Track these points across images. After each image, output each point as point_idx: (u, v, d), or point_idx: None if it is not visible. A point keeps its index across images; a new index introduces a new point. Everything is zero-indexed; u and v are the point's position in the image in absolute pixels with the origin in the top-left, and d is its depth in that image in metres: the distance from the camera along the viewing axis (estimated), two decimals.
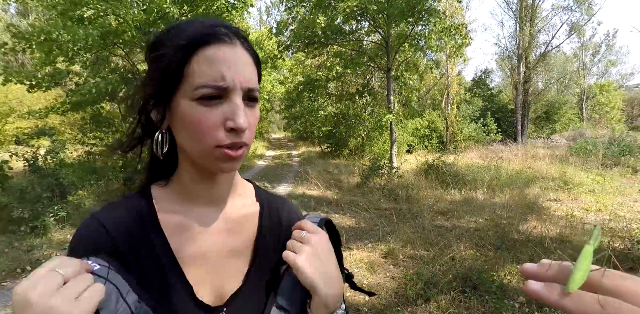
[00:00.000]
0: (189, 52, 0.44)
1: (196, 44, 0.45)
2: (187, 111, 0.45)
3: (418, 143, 16.29)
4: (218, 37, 0.46)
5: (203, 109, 0.45)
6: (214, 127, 0.45)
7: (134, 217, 0.50)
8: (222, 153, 0.46)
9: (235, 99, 0.46)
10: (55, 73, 7.06)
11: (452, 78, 18.34)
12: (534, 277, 0.30)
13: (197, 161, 0.50)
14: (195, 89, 0.44)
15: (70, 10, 6.31)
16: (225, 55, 0.45)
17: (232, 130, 0.46)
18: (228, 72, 0.45)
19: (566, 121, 21.71)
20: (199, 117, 0.45)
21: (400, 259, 3.63)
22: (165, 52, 0.45)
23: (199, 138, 0.46)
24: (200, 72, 0.44)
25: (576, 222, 4.80)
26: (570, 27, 20.27)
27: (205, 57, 0.44)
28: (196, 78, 0.44)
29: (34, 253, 3.85)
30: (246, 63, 0.47)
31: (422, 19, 7.87)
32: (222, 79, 0.44)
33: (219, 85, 0.44)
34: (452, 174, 7.71)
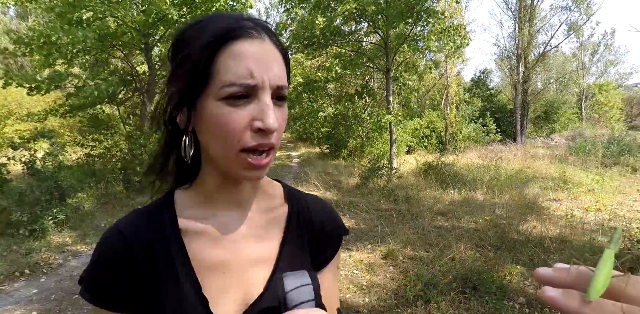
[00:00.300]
0: (215, 49, 0.42)
1: (222, 40, 0.42)
2: (212, 112, 0.43)
3: (417, 143, 16.29)
4: (245, 31, 0.43)
5: (229, 109, 0.42)
6: (241, 128, 0.42)
7: (153, 223, 0.49)
8: (246, 161, 0.44)
9: (264, 98, 0.43)
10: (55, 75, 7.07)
11: (451, 79, 18.36)
12: (550, 283, 0.27)
13: (220, 166, 0.48)
14: (221, 88, 0.42)
15: (68, 12, 6.32)
16: (253, 50, 0.42)
17: (259, 131, 0.43)
18: (256, 68, 0.42)
19: (565, 121, 21.71)
20: (225, 117, 0.42)
21: (400, 260, 3.62)
22: (190, 52, 0.43)
23: (224, 140, 0.43)
24: (227, 70, 0.41)
25: (576, 222, 4.80)
26: (569, 26, 20.31)
27: (232, 53, 0.42)
28: (222, 77, 0.42)
29: (32, 256, 3.85)
30: (275, 59, 0.45)
31: (421, 19, 7.88)
32: (250, 76, 0.42)
33: (247, 83, 0.42)
34: (451, 174, 7.70)
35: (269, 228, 0.54)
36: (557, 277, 0.27)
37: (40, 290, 3.21)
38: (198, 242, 0.49)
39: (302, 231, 0.56)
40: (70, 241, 4.39)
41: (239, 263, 0.50)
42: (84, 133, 8.03)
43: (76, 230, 4.72)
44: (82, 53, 7.38)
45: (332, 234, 0.59)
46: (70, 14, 6.45)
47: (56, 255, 3.96)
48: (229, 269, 0.49)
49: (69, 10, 6.33)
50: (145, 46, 7.68)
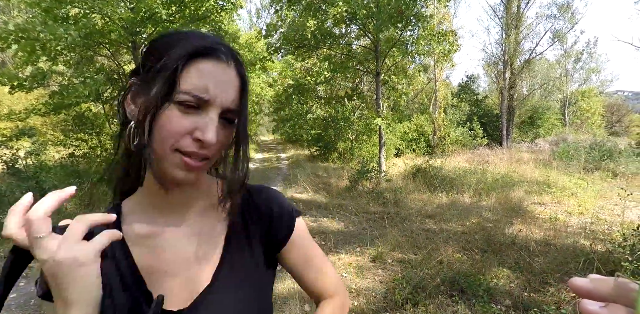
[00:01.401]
0: (186, 61, 0.46)
1: (194, 55, 0.47)
2: (163, 112, 0.46)
3: (406, 146, 16.44)
4: (216, 53, 0.48)
5: (178, 114, 0.46)
6: (182, 132, 0.46)
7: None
8: (179, 160, 0.47)
9: (212, 114, 0.47)
10: (38, 73, 6.87)
11: (440, 83, 18.63)
12: (588, 295, 0.25)
13: (154, 167, 0.50)
14: (178, 93, 0.46)
15: (54, 7, 6.15)
16: (216, 71, 0.48)
17: (198, 141, 0.47)
18: (213, 87, 0.47)
19: (549, 126, 22.26)
20: (172, 119, 0.46)
21: (389, 263, 3.63)
22: (168, 60, 0.46)
23: (164, 139, 0.46)
24: (189, 80, 0.46)
25: (560, 225, 4.90)
26: (554, 34, 20.88)
27: (198, 69, 0.47)
28: (183, 85, 0.46)
29: None
30: (233, 85, 0.49)
31: (411, 24, 7.98)
32: (205, 91, 0.46)
33: (201, 97, 0.46)
34: (439, 178, 7.79)
35: (212, 226, 0.57)
36: (597, 289, 0.25)
37: (19, 295, 3.10)
38: (140, 245, 0.53)
39: (248, 221, 0.59)
40: None
41: (182, 263, 0.53)
42: (67, 133, 7.82)
43: None
44: (67, 50, 7.20)
45: (281, 217, 0.61)
46: (57, 10, 6.28)
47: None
48: (172, 269, 0.52)
49: (55, 5, 6.16)
50: (133, 45, 7.54)
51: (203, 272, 0.53)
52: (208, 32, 0.49)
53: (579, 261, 3.34)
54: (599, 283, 0.25)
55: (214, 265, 0.54)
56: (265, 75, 20.06)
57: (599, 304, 0.24)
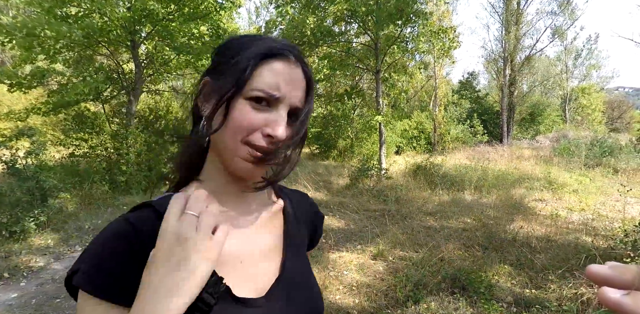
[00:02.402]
0: (259, 60, 0.50)
1: (267, 55, 0.50)
2: (237, 106, 0.49)
3: (406, 144, 16.42)
4: (286, 55, 0.52)
5: (250, 109, 0.49)
6: (253, 127, 0.49)
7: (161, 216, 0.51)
8: (248, 151, 0.49)
9: (282, 111, 0.50)
10: (37, 71, 6.85)
11: (440, 80, 18.58)
12: (608, 282, 0.24)
13: (226, 159, 0.51)
14: (251, 90, 0.49)
15: (56, 7, 6.14)
16: (286, 71, 0.51)
17: (268, 136, 0.49)
18: (284, 85, 0.50)
19: (550, 123, 22.22)
20: (243, 114, 0.49)
21: (390, 260, 3.63)
22: (241, 59, 0.50)
23: (235, 132, 0.49)
24: (262, 78, 0.49)
25: (561, 222, 4.90)
26: (554, 31, 20.79)
27: (271, 68, 0.50)
28: (256, 82, 0.49)
29: (12, 259, 3.72)
30: (300, 85, 0.53)
31: (411, 21, 7.94)
32: (276, 89, 0.50)
33: (273, 94, 0.49)
34: (440, 175, 7.78)
35: (271, 221, 0.60)
36: (617, 276, 0.24)
37: (20, 294, 3.10)
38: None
39: (297, 220, 0.65)
40: (52, 243, 4.26)
41: (253, 254, 0.55)
42: (67, 132, 7.80)
43: (59, 231, 4.58)
44: (66, 49, 7.18)
45: (320, 224, 0.72)
46: (58, 9, 6.26)
47: (37, 258, 3.84)
48: (245, 260, 0.54)
49: (56, 5, 6.15)
50: (132, 43, 7.52)
51: (272, 263, 0.57)
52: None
53: (581, 258, 3.34)
54: (620, 270, 0.24)
55: (279, 257, 0.58)
56: None
57: (620, 291, 0.23)
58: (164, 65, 8.44)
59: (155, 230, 0.44)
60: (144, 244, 0.45)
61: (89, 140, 7.42)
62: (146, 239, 0.45)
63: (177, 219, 0.42)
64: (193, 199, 0.44)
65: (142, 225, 0.47)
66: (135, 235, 0.46)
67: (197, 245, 0.41)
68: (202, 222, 0.42)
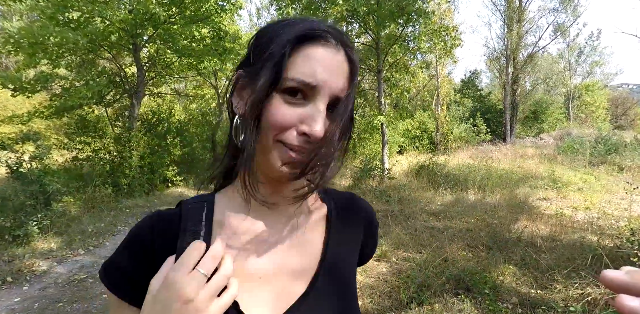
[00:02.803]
0: (291, 47, 0.43)
1: (299, 39, 0.43)
2: (270, 101, 0.43)
3: (409, 144, 16.38)
4: (323, 37, 0.45)
5: (282, 104, 0.43)
6: (287, 125, 0.43)
7: (190, 212, 0.50)
8: (283, 151, 0.44)
9: (319, 104, 0.44)
10: (41, 76, 6.90)
11: (442, 79, 18.51)
12: (624, 289, 0.23)
13: (259, 161, 0.46)
14: (285, 80, 0.43)
15: (57, 12, 6.19)
16: (323, 55, 0.44)
17: (304, 135, 0.43)
18: (320, 72, 0.43)
19: (553, 120, 22.08)
20: (277, 110, 0.43)
21: (394, 261, 3.61)
22: (274, 49, 0.44)
23: (267, 131, 0.44)
24: (296, 66, 0.43)
25: (566, 221, 4.85)
26: (556, 28, 20.67)
27: (306, 54, 0.43)
28: (289, 72, 0.43)
29: (15, 263, 3.73)
30: (342, 71, 0.46)
31: (412, 20, 7.92)
32: (312, 76, 0.43)
33: (308, 82, 0.43)
34: (443, 175, 7.74)
35: (309, 233, 0.53)
36: (633, 283, 0.22)
37: (22, 298, 3.11)
38: (234, 242, 0.48)
39: (343, 231, 0.55)
40: (55, 247, 4.27)
41: (278, 275, 0.48)
42: (71, 136, 7.85)
43: (62, 235, 4.60)
44: (68, 53, 7.23)
45: (371, 228, 0.61)
46: (60, 14, 6.31)
47: (40, 262, 3.85)
48: (266, 280, 0.48)
49: (58, 10, 6.20)
50: (134, 47, 7.56)
51: (299, 280, 0.49)
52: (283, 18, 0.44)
53: (587, 257, 3.30)
54: (637, 276, 0.23)
55: (311, 273, 0.50)
56: None
57: (638, 299, 0.21)
58: (165, 68, 8.48)
59: (165, 229, 0.47)
60: (154, 242, 0.46)
61: (92, 143, 7.46)
62: (158, 238, 0.46)
63: (186, 273, 0.39)
64: (208, 257, 0.41)
65: (159, 223, 0.48)
66: (150, 233, 0.47)
67: (198, 309, 0.38)
68: (210, 283, 0.40)
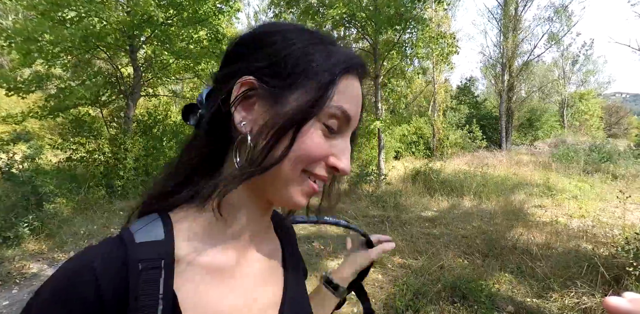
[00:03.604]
0: (340, 75, 0.40)
1: (348, 68, 0.41)
2: (307, 131, 0.39)
3: (405, 149, 16.42)
4: (364, 72, 0.44)
5: (321, 137, 0.40)
6: (320, 156, 0.40)
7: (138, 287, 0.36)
8: (307, 183, 0.41)
9: (347, 138, 0.43)
10: (36, 76, 6.84)
11: (439, 86, 18.64)
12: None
13: (269, 189, 0.41)
14: (329, 112, 0.39)
15: (52, 10, 6.14)
16: (359, 92, 0.43)
17: (332, 168, 0.41)
18: (355, 106, 0.42)
19: (548, 128, 22.30)
20: (313, 141, 0.39)
21: (389, 268, 3.58)
22: (319, 67, 0.39)
23: (298, 161, 0.39)
24: (344, 96, 0.40)
25: (561, 228, 4.86)
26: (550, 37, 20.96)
27: (350, 84, 0.41)
28: (336, 102, 0.39)
29: (5, 265, 3.65)
30: (361, 105, 0.45)
31: (410, 26, 7.98)
32: (350, 109, 0.41)
33: (349, 114, 0.41)
34: (439, 181, 7.75)
35: (271, 264, 0.49)
36: (636, 312, 0.22)
37: (11, 302, 3.03)
38: (196, 278, 0.39)
39: (292, 255, 0.53)
40: (46, 249, 4.19)
41: (253, 309, 0.43)
42: (65, 136, 7.76)
43: (53, 237, 4.51)
44: (64, 53, 7.17)
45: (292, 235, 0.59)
46: (54, 13, 6.27)
47: (31, 264, 3.77)
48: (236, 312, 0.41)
49: (53, 8, 6.16)
50: (131, 48, 7.52)
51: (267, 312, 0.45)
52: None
53: (582, 266, 3.29)
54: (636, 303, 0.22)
55: (277, 305, 0.46)
56: None
57: None
58: (162, 69, 8.44)
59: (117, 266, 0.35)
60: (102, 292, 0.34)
61: (86, 144, 7.38)
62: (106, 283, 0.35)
63: None
64: None
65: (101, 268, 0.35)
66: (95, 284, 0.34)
67: None
68: None
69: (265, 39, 0.41)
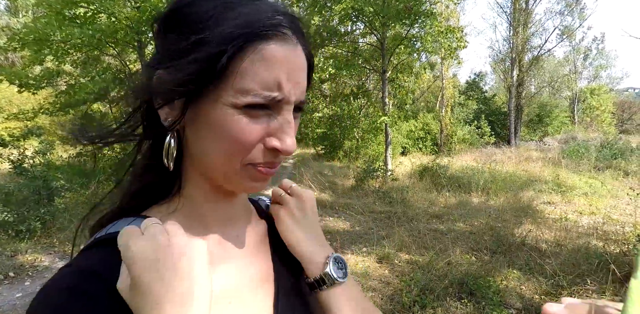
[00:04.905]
0: (241, 46, 0.34)
1: (252, 36, 0.34)
2: (221, 118, 0.36)
3: (412, 145, 16.32)
4: (281, 30, 0.36)
5: (244, 120, 0.36)
6: (254, 142, 0.37)
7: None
8: (254, 171, 0.38)
9: (287, 114, 0.38)
10: (47, 72, 6.92)
11: (447, 81, 18.42)
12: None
13: (216, 178, 0.41)
14: (239, 94, 0.35)
15: (64, 8, 6.20)
16: (285, 56, 0.36)
17: (273, 150, 0.38)
18: (286, 80, 0.36)
19: (558, 124, 21.93)
20: (237, 128, 0.36)
21: (396, 264, 3.58)
22: (209, 39, 0.34)
23: (231, 153, 0.37)
24: (252, 75, 0.35)
25: (570, 225, 4.80)
26: (562, 31, 20.54)
27: (262, 56, 0.35)
28: (244, 82, 0.34)
29: (17, 258, 3.73)
30: (303, 70, 0.39)
31: (418, 21, 7.88)
32: (277, 89, 0.36)
33: (273, 96, 0.35)
34: (446, 177, 7.70)
35: (258, 245, 0.49)
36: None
37: (24, 294, 3.11)
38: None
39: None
40: (57, 242, 4.28)
41: (243, 289, 0.44)
42: None
43: (64, 230, 4.60)
44: (74, 50, 7.25)
45: None
46: (65, 10, 6.32)
47: (43, 257, 3.85)
48: (235, 298, 0.42)
49: (64, 6, 6.21)
50: (139, 44, 7.56)
51: (264, 303, 0.45)
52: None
53: (592, 263, 3.25)
54: (577, 309, 0.24)
55: (271, 291, 0.46)
56: None
57: None
58: None
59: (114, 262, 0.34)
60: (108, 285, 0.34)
61: None
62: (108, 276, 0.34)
63: (140, 235, 0.33)
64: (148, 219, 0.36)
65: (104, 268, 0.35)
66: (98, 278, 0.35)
67: (181, 242, 0.33)
68: (168, 226, 0.34)
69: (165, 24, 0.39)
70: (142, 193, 0.44)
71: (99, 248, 0.38)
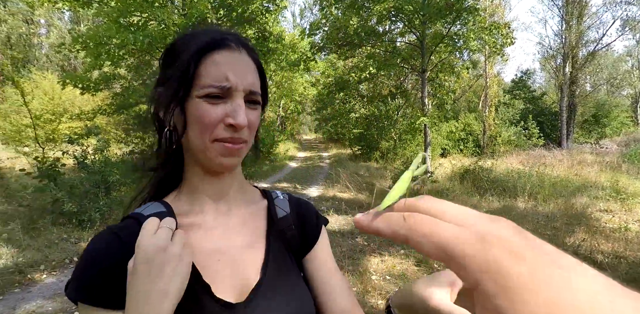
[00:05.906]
0: (199, 57, 0.50)
1: (206, 49, 0.50)
2: (195, 107, 0.50)
3: (453, 147, 15.75)
4: (225, 43, 0.52)
5: (207, 106, 0.50)
6: (215, 121, 0.50)
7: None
8: (221, 147, 0.51)
9: (237, 99, 0.51)
10: (104, 76, 7.53)
11: (491, 79, 17.57)
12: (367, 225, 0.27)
13: (200, 158, 0.54)
14: (202, 88, 0.50)
15: (120, 16, 6.72)
16: (230, 60, 0.51)
17: (231, 126, 0.51)
18: (232, 74, 0.50)
19: (618, 125, 20.11)
20: (202, 112, 0.50)
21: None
22: (181, 60, 0.51)
23: (201, 131, 0.51)
24: (208, 74, 0.50)
25: (631, 236, 4.40)
26: (624, 22, 18.80)
27: (213, 61, 0.50)
28: (203, 80, 0.50)
29: (80, 244, 4.10)
30: (250, 69, 0.53)
31: (461, 18, 7.61)
32: (225, 80, 0.50)
33: (223, 85, 0.50)
34: (489, 180, 7.35)
35: (253, 219, 0.60)
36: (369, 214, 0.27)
37: None
38: (194, 234, 0.54)
39: (282, 222, 0.62)
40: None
41: (231, 250, 0.55)
42: (128, 131, 8.49)
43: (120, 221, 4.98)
44: (128, 55, 7.82)
45: (311, 221, 0.66)
46: (121, 19, 6.85)
47: None
48: (223, 255, 0.54)
49: (120, 15, 6.74)
50: None
51: (252, 265, 0.55)
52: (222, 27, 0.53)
53: None
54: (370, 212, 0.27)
55: (260, 259, 0.56)
56: (308, 75, 20.21)
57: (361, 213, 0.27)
58: None
59: (134, 228, 0.49)
60: (129, 250, 0.47)
61: (146, 138, 8.00)
62: (130, 246, 0.47)
63: (152, 234, 0.46)
64: (165, 221, 0.49)
65: (125, 234, 0.50)
66: (120, 243, 0.49)
67: (175, 252, 0.45)
68: (175, 234, 0.47)
69: (160, 60, 0.56)
70: (164, 182, 0.60)
71: (129, 219, 0.54)
